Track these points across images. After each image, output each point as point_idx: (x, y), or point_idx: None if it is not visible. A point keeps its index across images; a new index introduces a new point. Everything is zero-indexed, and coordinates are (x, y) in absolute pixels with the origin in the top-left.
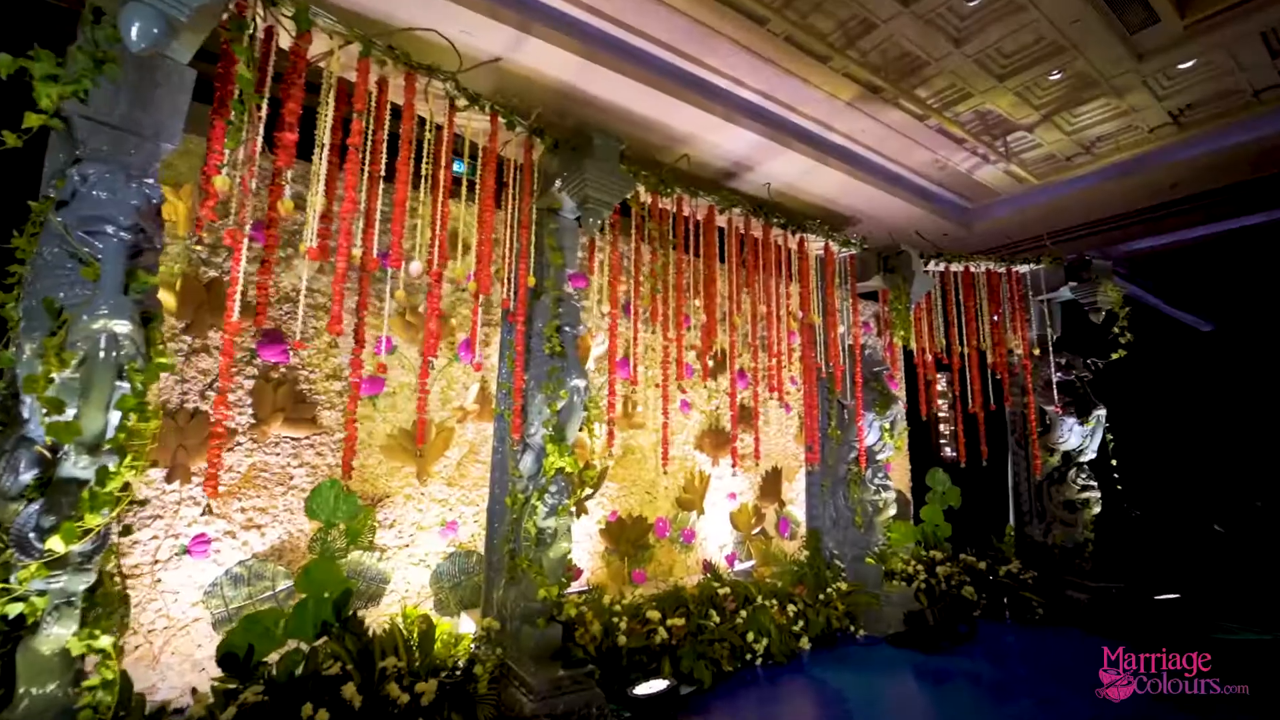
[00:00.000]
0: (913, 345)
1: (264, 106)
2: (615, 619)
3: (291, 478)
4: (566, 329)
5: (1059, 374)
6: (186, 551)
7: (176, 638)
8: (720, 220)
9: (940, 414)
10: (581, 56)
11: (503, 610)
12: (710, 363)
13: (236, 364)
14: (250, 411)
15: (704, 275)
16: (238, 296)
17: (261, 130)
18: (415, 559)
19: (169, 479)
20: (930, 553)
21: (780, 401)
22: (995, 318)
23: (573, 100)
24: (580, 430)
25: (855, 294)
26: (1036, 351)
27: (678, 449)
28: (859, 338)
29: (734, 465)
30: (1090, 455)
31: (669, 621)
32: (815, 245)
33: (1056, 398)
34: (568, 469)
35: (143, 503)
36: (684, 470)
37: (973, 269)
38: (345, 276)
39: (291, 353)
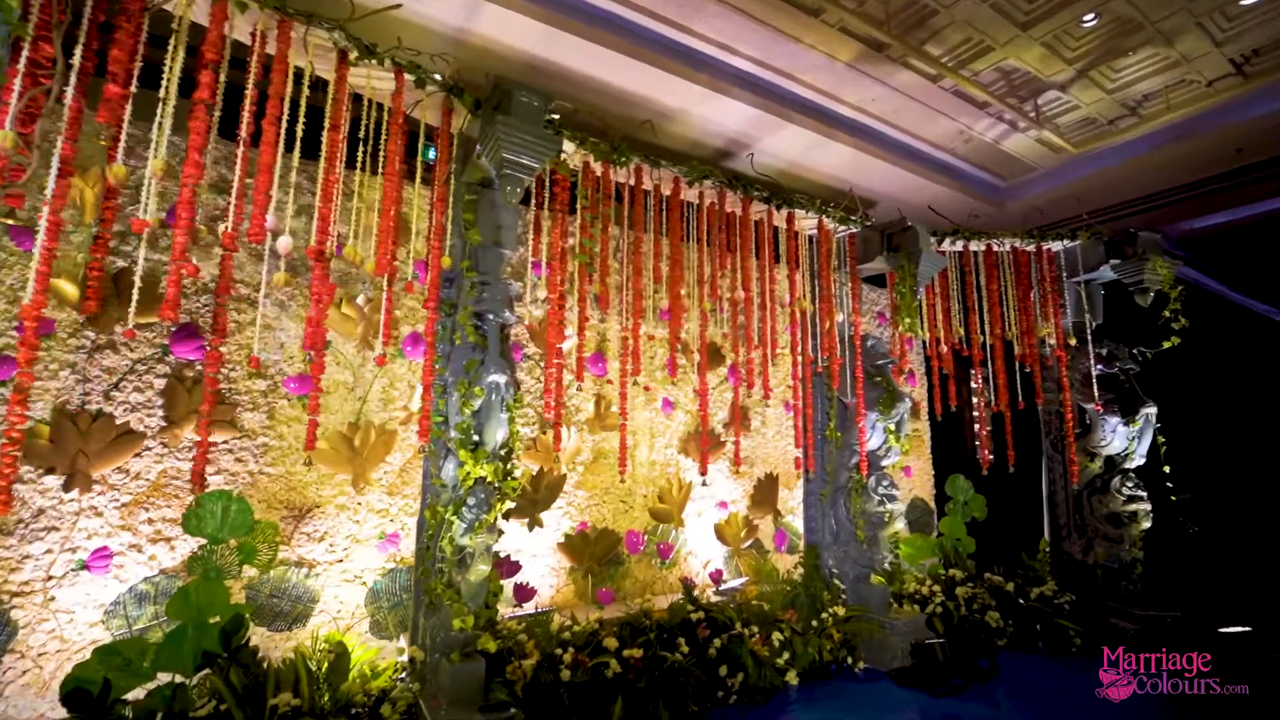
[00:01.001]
0: (921, 334)
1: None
2: (560, 649)
3: (208, 486)
4: (490, 316)
5: (1100, 366)
6: (85, 567)
7: (71, 662)
8: (690, 194)
9: (977, 413)
10: (545, 23)
11: (426, 639)
12: (697, 357)
13: (146, 361)
14: (161, 413)
15: (670, 257)
16: (32, 278)
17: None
18: (349, 575)
19: (67, 487)
20: (950, 571)
21: (765, 398)
22: (1024, 302)
23: (541, 74)
24: (504, 430)
25: (856, 276)
26: (1073, 341)
27: (659, 453)
28: (859, 326)
29: (702, 473)
30: (1138, 461)
31: (626, 652)
32: (807, 223)
33: (1097, 394)
34: (489, 478)
35: (37, 513)
36: (664, 477)
37: (996, 247)
38: (185, 252)
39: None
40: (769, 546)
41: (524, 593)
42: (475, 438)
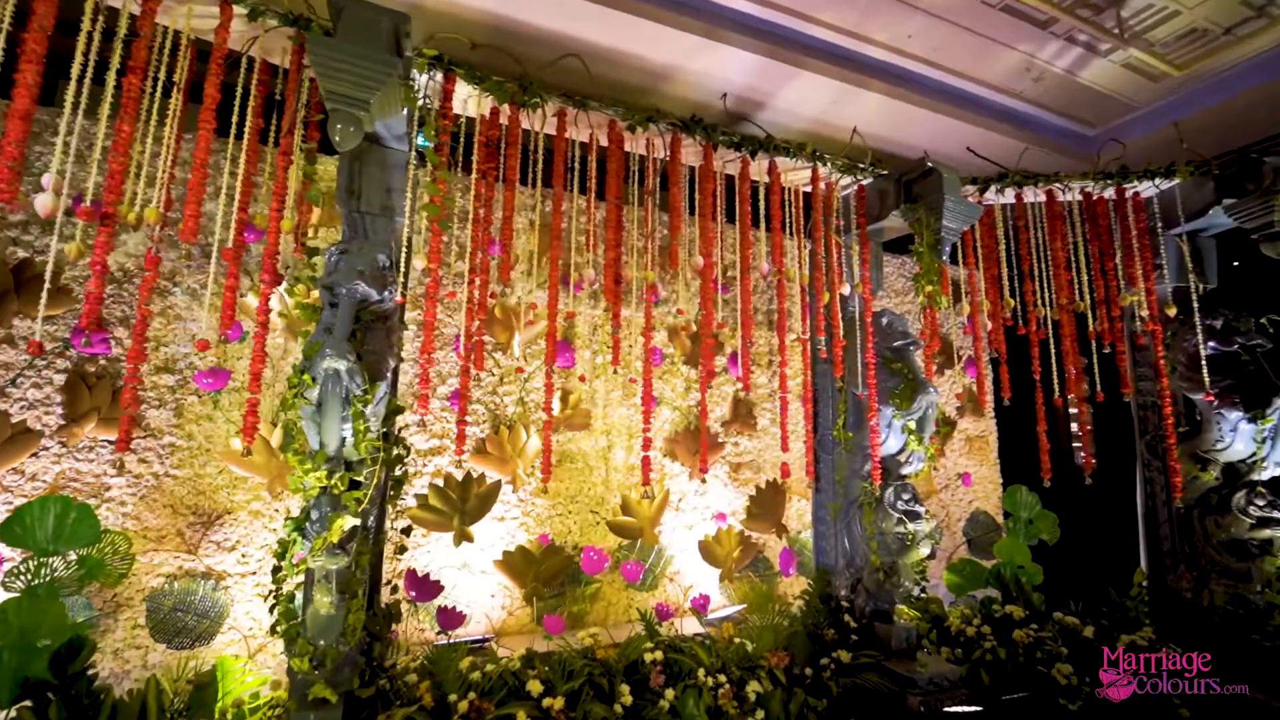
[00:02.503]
0: (944, 306)
1: None
2: (457, 694)
3: (108, 489)
4: (342, 290)
5: (1212, 343)
6: None
7: None
8: (635, 143)
9: (1074, 410)
10: None
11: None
12: (689, 344)
13: (46, 356)
14: (59, 411)
15: (606, 220)
16: None
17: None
18: (264, 589)
19: None
20: (1006, 608)
21: (745, 390)
22: (1102, 264)
23: (508, 35)
24: (349, 428)
25: (866, 238)
26: (1172, 311)
27: (640, 456)
28: (869, 299)
29: (645, 483)
30: (1272, 470)
31: (546, 702)
32: (799, 175)
33: (1208, 380)
34: (334, 488)
35: None
36: (635, 485)
37: (1061, 195)
38: None
39: (113, 343)
40: (776, 568)
41: (450, 618)
42: (317, 438)
